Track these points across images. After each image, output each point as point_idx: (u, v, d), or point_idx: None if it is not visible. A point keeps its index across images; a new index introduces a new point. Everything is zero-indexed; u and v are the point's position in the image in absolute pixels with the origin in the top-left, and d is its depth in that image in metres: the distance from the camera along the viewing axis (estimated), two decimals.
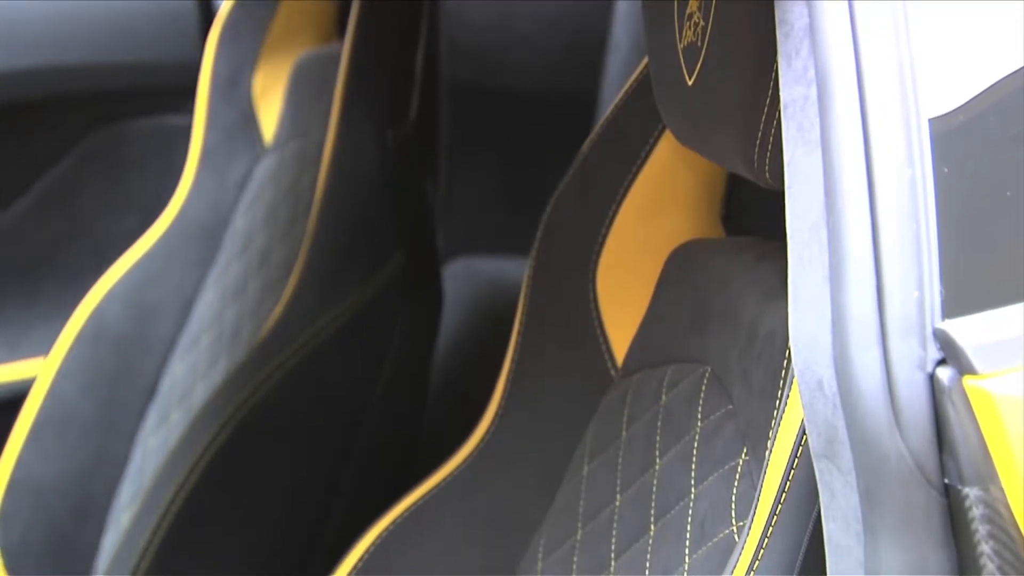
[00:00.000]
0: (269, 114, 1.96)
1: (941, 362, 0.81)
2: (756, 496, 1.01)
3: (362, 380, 1.74)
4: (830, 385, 0.84)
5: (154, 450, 1.84)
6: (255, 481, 1.71)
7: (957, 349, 0.81)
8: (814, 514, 0.93)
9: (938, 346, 0.81)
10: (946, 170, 0.83)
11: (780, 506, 0.97)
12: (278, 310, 1.78)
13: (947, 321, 0.81)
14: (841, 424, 0.83)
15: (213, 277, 1.92)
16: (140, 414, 1.90)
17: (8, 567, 1.81)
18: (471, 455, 1.38)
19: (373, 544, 1.37)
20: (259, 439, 1.70)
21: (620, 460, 1.25)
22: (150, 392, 1.91)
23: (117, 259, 1.92)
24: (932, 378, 0.81)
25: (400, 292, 1.75)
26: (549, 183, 1.41)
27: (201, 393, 1.83)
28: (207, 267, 1.93)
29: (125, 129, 2.10)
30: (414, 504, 1.38)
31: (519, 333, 1.38)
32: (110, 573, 1.73)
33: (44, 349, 1.92)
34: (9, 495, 1.83)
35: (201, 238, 1.92)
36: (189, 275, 1.92)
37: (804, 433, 0.95)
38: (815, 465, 0.87)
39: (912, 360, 0.81)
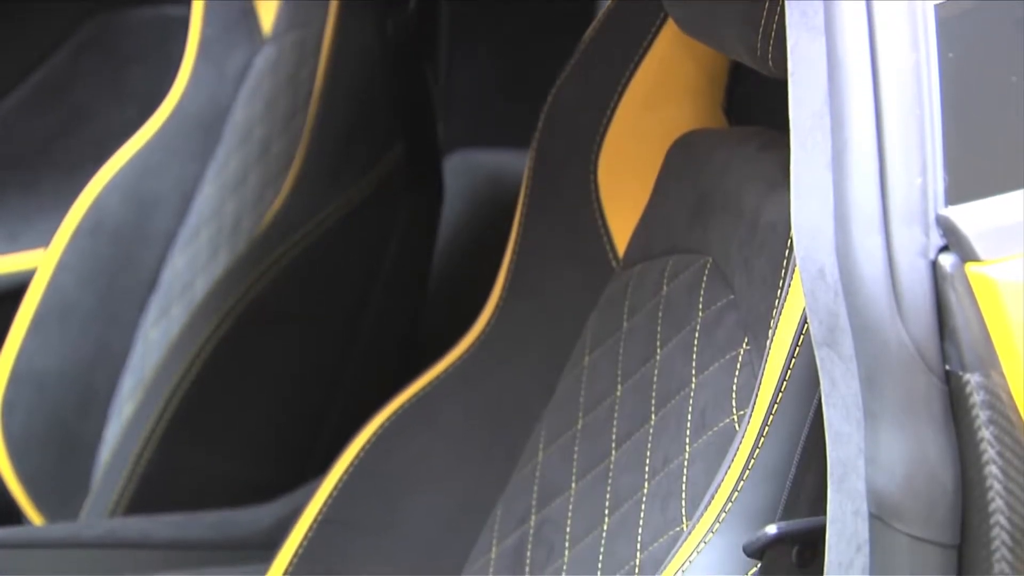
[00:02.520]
0: (267, 5, 1.94)
1: (943, 249, 0.81)
2: (757, 385, 1.01)
3: (363, 272, 1.74)
4: (832, 273, 0.84)
5: (155, 342, 1.85)
6: (256, 373, 1.72)
7: (960, 235, 0.80)
8: (814, 402, 0.94)
9: (941, 233, 0.81)
10: (951, 55, 0.82)
11: (781, 395, 0.97)
12: (278, 202, 1.77)
13: (950, 208, 0.81)
14: (843, 312, 0.83)
15: (213, 170, 1.92)
16: (141, 306, 1.90)
17: (11, 456, 1.82)
18: (472, 346, 1.38)
19: (375, 434, 1.38)
20: (260, 331, 1.70)
21: (621, 351, 1.25)
22: (150, 285, 1.91)
23: (116, 151, 1.91)
24: (934, 265, 0.81)
25: (401, 184, 1.74)
26: (549, 74, 1.39)
27: (202, 286, 1.83)
28: (206, 159, 1.92)
29: (122, 20, 2.08)
30: (415, 395, 1.39)
31: (520, 225, 1.38)
32: (113, 463, 1.74)
33: (44, 240, 1.91)
34: (11, 385, 1.84)
35: (200, 130, 1.91)
36: (188, 167, 1.91)
37: (805, 322, 0.95)
38: (816, 353, 0.87)
39: (914, 247, 0.81)
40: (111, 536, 1.51)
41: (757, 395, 1.00)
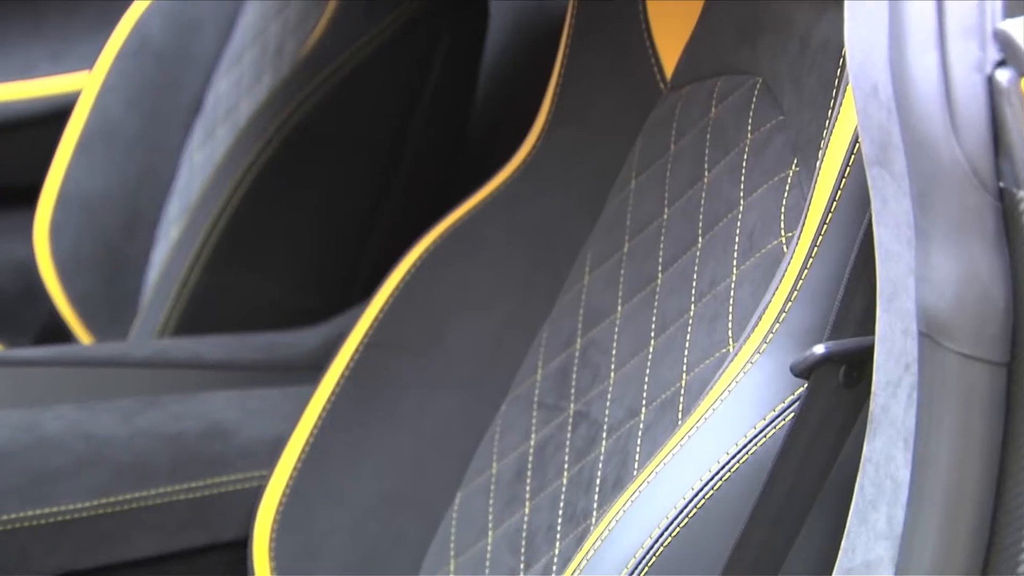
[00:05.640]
0: None
1: (1000, 63, 0.80)
2: (806, 207, 1.00)
3: (406, 96, 1.73)
4: (885, 89, 0.82)
5: (200, 165, 1.85)
6: (300, 196, 1.72)
7: (1017, 49, 0.79)
8: (864, 223, 0.93)
9: (998, 47, 0.80)
10: None
11: (831, 215, 0.97)
12: (321, 26, 1.76)
13: (1007, 21, 0.80)
14: (895, 129, 0.82)
15: None
16: (185, 129, 1.90)
17: (60, 276, 1.83)
18: (516, 172, 1.38)
19: (420, 258, 1.38)
20: (303, 155, 1.70)
21: (668, 174, 1.24)
22: (195, 107, 1.91)
23: None
24: (990, 80, 0.79)
25: (444, 8, 1.73)
26: None
27: (246, 109, 1.82)
28: None
29: None
30: (459, 220, 1.38)
31: (566, 47, 1.36)
32: (160, 285, 1.75)
33: (88, 63, 1.91)
34: (59, 207, 1.85)
35: None
36: None
37: (856, 141, 0.94)
38: (867, 172, 0.87)
39: (970, 62, 0.79)
40: (160, 356, 1.53)
41: (806, 216, 1.00)
